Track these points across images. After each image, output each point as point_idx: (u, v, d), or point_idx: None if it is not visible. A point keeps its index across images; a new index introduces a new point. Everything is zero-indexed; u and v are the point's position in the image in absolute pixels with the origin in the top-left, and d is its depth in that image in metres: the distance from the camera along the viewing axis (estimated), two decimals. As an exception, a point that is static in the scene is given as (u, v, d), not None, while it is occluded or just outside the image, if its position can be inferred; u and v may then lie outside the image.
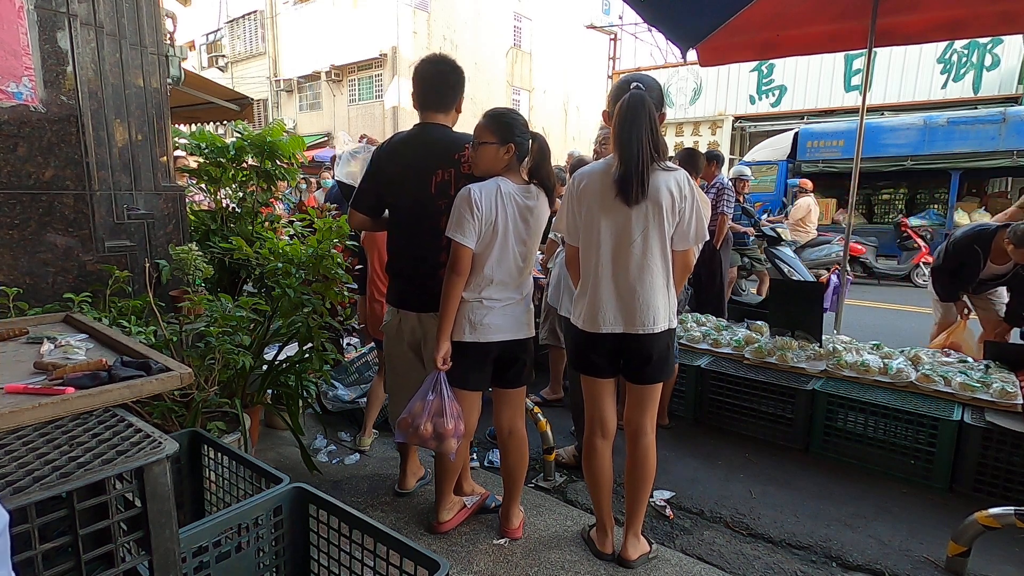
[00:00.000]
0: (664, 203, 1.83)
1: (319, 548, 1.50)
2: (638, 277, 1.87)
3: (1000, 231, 3.42)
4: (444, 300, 1.92)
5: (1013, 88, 10.90)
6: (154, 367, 1.26)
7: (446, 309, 1.92)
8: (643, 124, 1.78)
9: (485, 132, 1.94)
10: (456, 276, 1.91)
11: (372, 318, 2.86)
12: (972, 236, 3.61)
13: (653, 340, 1.90)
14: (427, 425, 1.90)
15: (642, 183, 1.79)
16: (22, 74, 2.19)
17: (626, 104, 1.79)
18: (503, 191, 1.92)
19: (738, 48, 4.42)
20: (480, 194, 1.88)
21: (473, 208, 1.86)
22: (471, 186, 1.90)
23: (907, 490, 2.72)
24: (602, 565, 2.06)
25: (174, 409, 2.06)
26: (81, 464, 0.95)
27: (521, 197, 1.96)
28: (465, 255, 1.90)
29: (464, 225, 1.87)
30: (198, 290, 2.50)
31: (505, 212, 1.92)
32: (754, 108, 13.82)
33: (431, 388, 1.94)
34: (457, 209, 1.89)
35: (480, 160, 1.96)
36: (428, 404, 1.91)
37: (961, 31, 4.09)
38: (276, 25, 19.44)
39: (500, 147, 1.92)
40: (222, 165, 3.40)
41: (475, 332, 1.95)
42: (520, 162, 2.00)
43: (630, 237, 1.85)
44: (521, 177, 2.01)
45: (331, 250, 2.54)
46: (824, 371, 3.21)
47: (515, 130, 1.94)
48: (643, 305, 1.87)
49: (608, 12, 19.51)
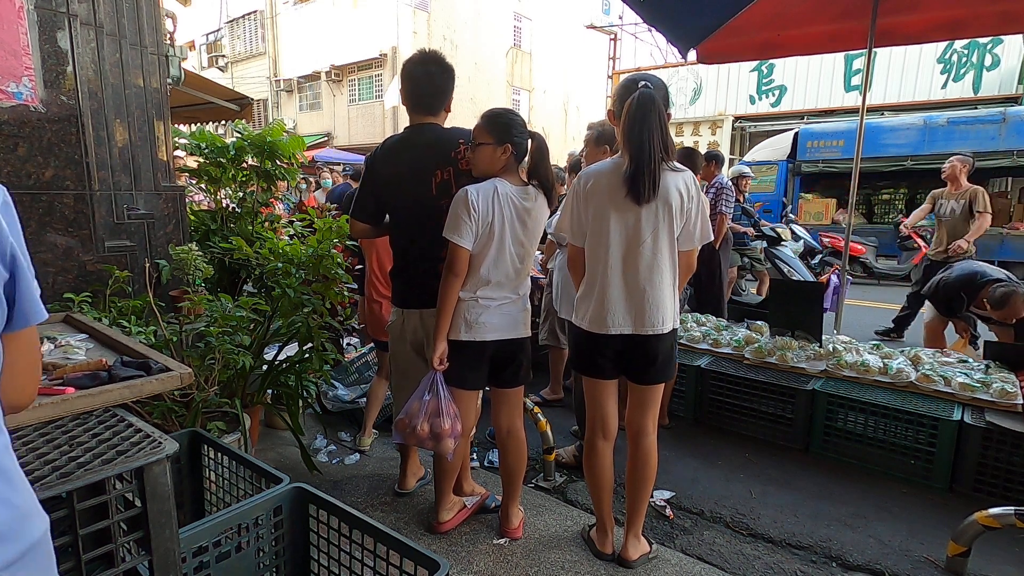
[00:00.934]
0: (674, 203, 1.83)
1: (319, 548, 1.50)
2: (648, 277, 1.86)
3: (987, 286, 3.46)
4: (441, 300, 1.93)
5: (1013, 88, 10.89)
6: (154, 367, 1.26)
7: (443, 309, 1.93)
8: (653, 122, 1.78)
9: (482, 132, 1.94)
10: (453, 277, 1.91)
11: (371, 318, 2.86)
12: (962, 282, 3.66)
13: (660, 341, 1.90)
14: (424, 425, 1.90)
15: (653, 181, 1.79)
16: (22, 74, 2.19)
17: (636, 102, 1.78)
18: (500, 192, 1.92)
19: (738, 48, 4.42)
20: (477, 195, 1.88)
21: (470, 209, 1.86)
22: (468, 188, 1.90)
23: (907, 490, 2.72)
24: (602, 565, 2.06)
25: (174, 409, 2.06)
26: (81, 464, 0.96)
27: (519, 198, 1.96)
28: (462, 256, 1.91)
29: (461, 226, 1.87)
30: (198, 290, 2.50)
31: (502, 213, 1.92)
32: (754, 108, 13.81)
33: (427, 388, 1.94)
34: (454, 211, 1.89)
35: (478, 161, 1.96)
36: (424, 404, 1.91)
37: (961, 31, 4.09)
38: (276, 25, 19.44)
39: (497, 147, 1.92)
40: (222, 165, 3.40)
41: (471, 331, 1.95)
42: (518, 162, 2.00)
43: (640, 237, 1.84)
44: (519, 177, 2.00)
45: (331, 250, 2.54)
46: (824, 371, 3.21)
47: (512, 130, 1.93)
48: (653, 306, 1.86)
49: (608, 12, 19.48)
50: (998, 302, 3.31)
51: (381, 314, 2.79)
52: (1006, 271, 3.74)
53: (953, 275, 3.79)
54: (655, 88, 1.82)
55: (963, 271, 3.75)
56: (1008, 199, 9.88)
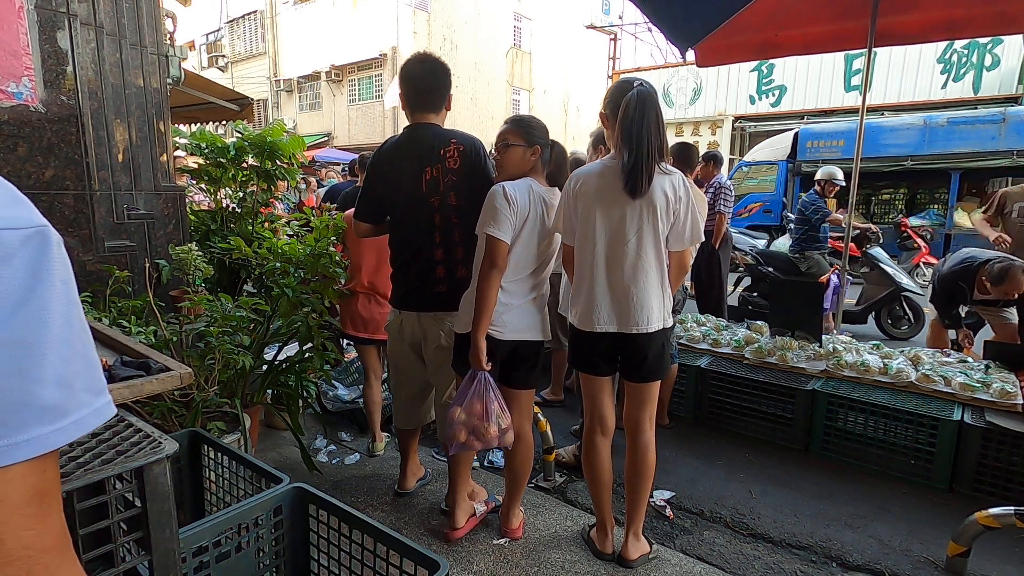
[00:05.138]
0: (659, 204, 1.85)
1: (319, 548, 1.50)
2: (632, 277, 1.88)
3: (982, 267, 3.42)
4: (480, 296, 1.88)
5: (1013, 88, 10.89)
6: (154, 367, 1.26)
7: (483, 306, 1.87)
8: (652, 119, 1.81)
9: (512, 135, 1.98)
10: (496, 271, 1.88)
11: (344, 309, 2.82)
12: (957, 272, 3.60)
13: (647, 340, 1.91)
14: (490, 427, 1.88)
15: (649, 175, 1.82)
16: (22, 74, 2.19)
17: (635, 99, 1.80)
18: (535, 190, 1.96)
19: (737, 48, 4.42)
20: (515, 190, 1.90)
21: (509, 202, 1.88)
22: (503, 183, 1.92)
23: (907, 490, 2.72)
24: (602, 565, 2.06)
25: (174, 409, 2.06)
26: (81, 464, 0.95)
27: (548, 198, 2.01)
28: (502, 249, 1.89)
29: (500, 219, 1.87)
30: (198, 290, 2.50)
31: (535, 211, 1.95)
32: (754, 108, 13.81)
33: (472, 391, 1.89)
34: (491, 204, 1.89)
35: (507, 162, 1.99)
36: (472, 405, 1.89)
37: (961, 31, 4.09)
38: (276, 25, 19.43)
39: (527, 149, 1.98)
40: (222, 165, 3.40)
41: (491, 327, 1.95)
42: (544, 166, 2.05)
43: (624, 237, 1.87)
44: (543, 180, 2.05)
45: (329, 248, 2.54)
46: (824, 371, 3.21)
47: (539, 133, 2.00)
48: (637, 305, 1.88)
49: (608, 12, 19.50)
50: (997, 277, 3.27)
51: (357, 308, 2.77)
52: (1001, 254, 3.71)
53: (946, 267, 3.74)
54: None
55: (955, 261, 3.70)
56: (1008, 199, 9.87)
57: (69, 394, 0.41)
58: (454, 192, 2.08)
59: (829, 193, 5.45)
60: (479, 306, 1.88)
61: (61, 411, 0.40)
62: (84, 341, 0.43)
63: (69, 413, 0.41)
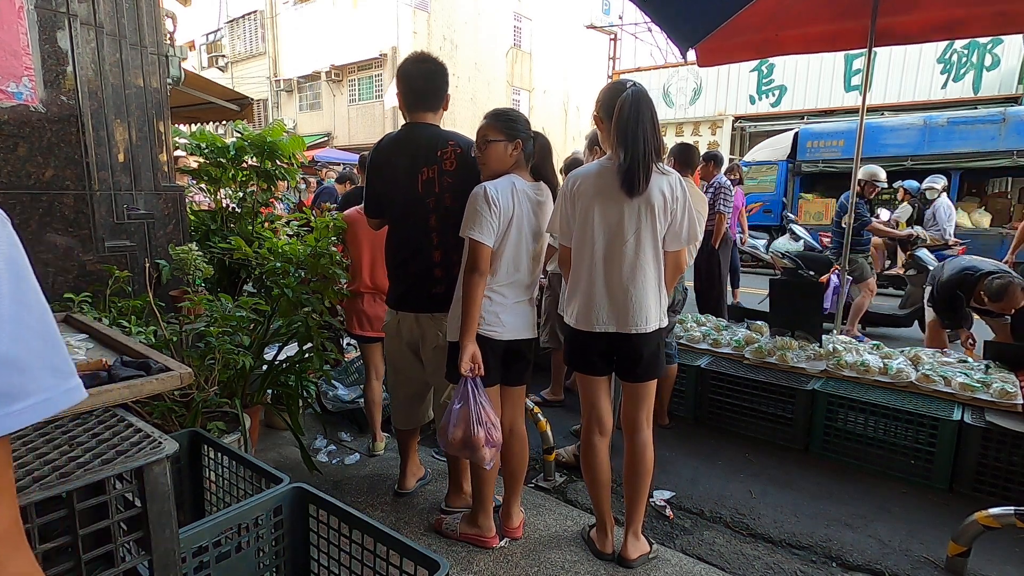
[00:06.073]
0: (656, 203, 1.85)
1: (319, 548, 1.50)
2: (631, 277, 1.88)
3: (981, 280, 3.42)
4: (466, 301, 1.86)
5: (1013, 88, 10.88)
6: (154, 367, 1.26)
7: (468, 311, 1.85)
8: (647, 118, 1.81)
9: (491, 130, 1.94)
10: (477, 276, 1.85)
11: (348, 307, 2.83)
12: (955, 282, 3.60)
13: (644, 340, 1.92)
14: (456, 433, 1.84)
15: (646, 174, 1.81)
16: (22, 74, 2.19)
17: (630, 99, 1.80)
18: (517, 188, 1.93)
19: (737, 48, 4.42)
20: (496, 191, 1.87)
21: (491, 204, 1.85)
22: (485, 184, 1.89)
23: (907, 490, 2.72)
24: (602, 565, 2.06)
25: (174, 409, 2.06)
26: (81, 464, 0.95)
27: (533, 193, 1.98)
28: (484, 253, 1.86)
29: (482, 223, 1.84)
30: (198, 290, 2.50)
31: (520, 208, 1.93)
32: (754, 108, 13.81)
33: (459, 396, 1.86)
34: (472, 207, 1.87)
35: (489, 159, 1.95)
36: (454, 412, 1.85)
37: (960, 31, 4.09)
38: (276, 25, 19.43)
39: (508, 143, 1.93)
40: (222, 165, 3.40)
41: (490, 328, 1.94)
42: (527, 160, 2.01)
43: (623, 237, 1.87)
44: (528, 175, 2.02)
45: (329, 248, 2.54)
46: (824, 371, 3.21)
47: (520, 127, 1.96)
48: (636, 305, 1.88)
49: (608, 12, 19.50)
50: (996, 294, 3.28)
51: (363, 307, 2.77)
52: (1000, 263, 3.72)
53: (945, 275, 3.75)
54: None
55: (954, 269, 3.71)
56: (1008, 199, 9.88)
57: (24, 376, 0.37)
58: (450, 194, 2.07)
59: (870, 194, 5.12)
60: (465, 311, 1.86)
61: (12, 395, 0.37)
62: (40, 319, 0.40)
63: (26, 395, 0.37)
